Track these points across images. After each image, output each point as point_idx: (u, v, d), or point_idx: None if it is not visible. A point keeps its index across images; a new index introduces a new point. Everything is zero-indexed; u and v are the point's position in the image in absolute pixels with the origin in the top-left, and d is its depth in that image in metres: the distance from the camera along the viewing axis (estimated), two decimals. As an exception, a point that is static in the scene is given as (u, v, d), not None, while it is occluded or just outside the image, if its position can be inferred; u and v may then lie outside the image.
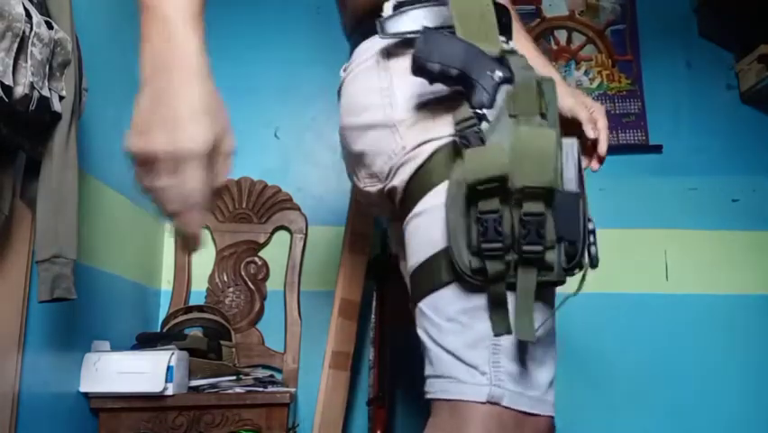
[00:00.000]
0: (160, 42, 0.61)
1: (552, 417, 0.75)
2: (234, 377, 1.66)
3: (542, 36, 2.34)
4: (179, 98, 0.61)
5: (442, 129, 0.78)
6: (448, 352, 0.74)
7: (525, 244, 0.68)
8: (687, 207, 2.23)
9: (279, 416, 1.55)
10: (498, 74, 0.73)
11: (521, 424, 0.72)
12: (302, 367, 1.96)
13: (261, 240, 2.08)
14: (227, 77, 2.21)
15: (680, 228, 2.21)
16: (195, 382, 1.57)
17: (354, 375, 1.93)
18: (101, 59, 1.52)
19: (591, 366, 2.08)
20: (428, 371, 0.78)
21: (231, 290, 2.03)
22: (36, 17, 0.99)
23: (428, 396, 0.77)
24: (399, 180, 0.83)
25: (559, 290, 0.79)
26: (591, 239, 0.73)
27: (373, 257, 1.92)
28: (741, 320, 2.14)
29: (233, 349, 1.81)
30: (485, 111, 0.73)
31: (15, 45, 0.93)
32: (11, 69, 0.93)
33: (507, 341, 0.72)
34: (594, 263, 0.74)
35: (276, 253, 2.08)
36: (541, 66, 1.06)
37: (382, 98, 0.83)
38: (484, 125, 0.72)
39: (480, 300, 0.72)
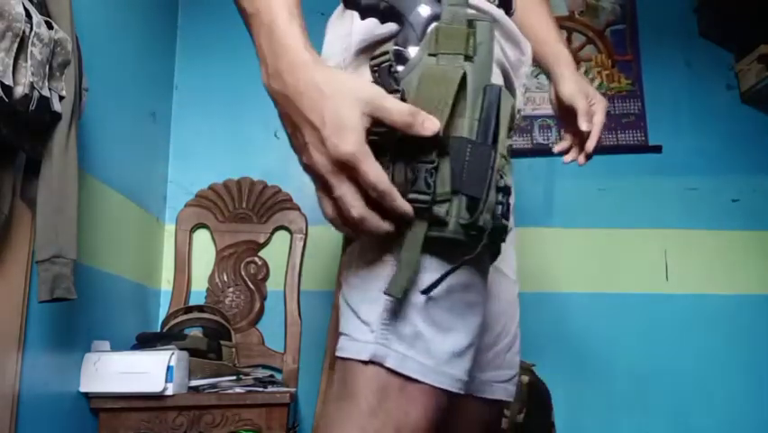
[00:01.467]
0: (268, 48, 0.66)
1: (449, 391, 0.67)
2: (234, 377, 1.66)
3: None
4: (308, 106, 0.60)
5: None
6: (349, 307, 0.70)
7: (411, 191, 0.61)
8: (687, 207, 2.23)
9: (279, 416, 1.55)
10: (428, 8, 0.68)
11: (406, 391, 0.64)
12: (302, 367, 1.96)
13: (261, 240, 2.08)
14: (227, 77, 2.22)
15: (680, 228, 2.21)
16: (195, 382, 1.57)
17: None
18: (101, 60, 1.52)
19: (591, 366, 2.08)
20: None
21: (231, 290, 2.03)
22: (36, 17, 0.99)
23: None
24: None
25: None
26: (500, 198, 0.64)
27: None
28: (741, 320, 2.14)
29: (233, 349, 1.81)
30: (409, 48, 0.67)
31: (15, 45, 0.93)
32: (11, 69, 0.93)
33: (407, 300, 0.65)
34: (499, 226, 0.64)
35: (276, 253, 2.08)
36: (552, 41, 1.02)
37: (341, 45, 0.80)
38: (407, 66, 0.66)
39: (379, 254, 0.67)
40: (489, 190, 0.63)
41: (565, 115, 1.02)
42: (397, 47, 0.67)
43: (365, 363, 0.65)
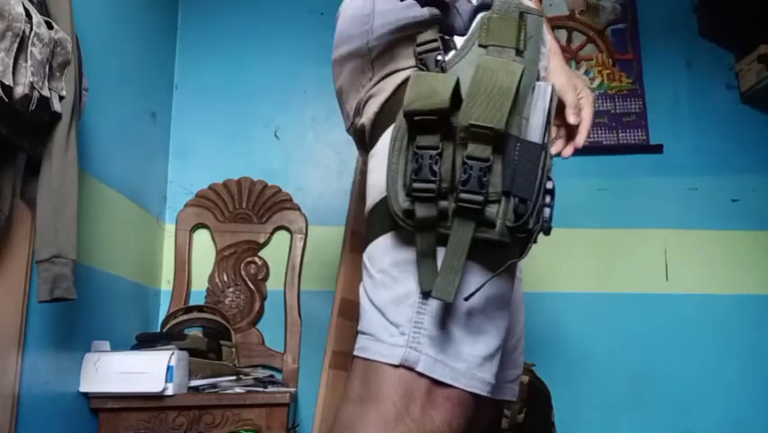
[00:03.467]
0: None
1: (478, 395, 0.65)
2: (234, 377, 1.66)
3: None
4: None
5: (411, 58, 0.68)
6: (375, 307, 0.67)
7: (462, 190, 0.58)
8: (687, 207, 2.23)
9: (279, 416, 1.55)
10: None
11: (432, 394, 0.63)
12: (302, 367, 1.96)
13: (261, 240, 2.08)
14: (227, 77, 2.22)
15: (680, 228, 2.21)
16: (195, 382, 1.57)
17: (354, 375, 1.93)
18: (101, 60, 1.52)
19: (591, 366, 2.08)
20: (358, 325, 0.70)
21: (231, 290, 2.03)
22: (36, 17, 0.99)
23: (354, 353, 0.69)
24: (367, 117, 0.75)
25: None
26: (547, 200, 0.62)
27: (373, 257, 1.91)
28: (741, 320, 2.14)
29: (233, 349, 1.81)
30: (455, 38, 0.65)
31: (15, 45, 0.93)
32: (11, 69, 0.93)
33: (436, 301, 0.63)
34: (546, 229, 0.62)
35: (276, 253, 2.08)
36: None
37: (362, 26, 0.76)
38: (452, 54, 0.64)
39: (413, 253, 0.64)
40: (540, 192, 0.61)
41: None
42: (441, 34, 0.64)
43: (394, 366, 0.63)
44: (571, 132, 0.99)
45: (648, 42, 2.35)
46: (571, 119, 0.95)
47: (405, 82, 0.66)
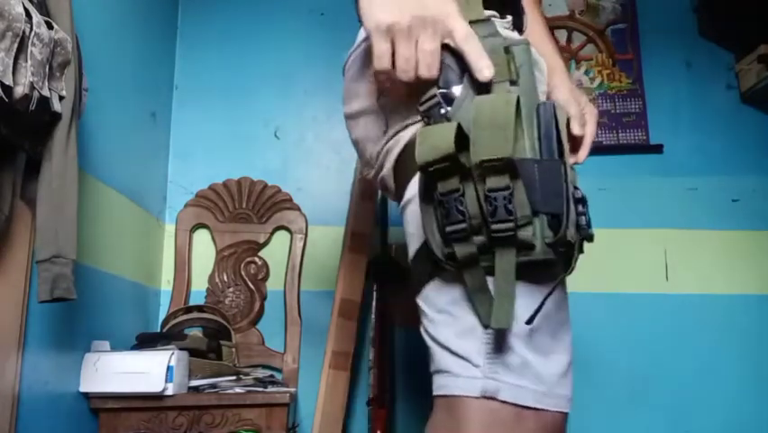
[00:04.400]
0: None
1: (564, 413, 0.67)
2: (234, 377, 1.66)
3: (542, 36, 2.34)
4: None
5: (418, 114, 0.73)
6: (441, 346, 0.70)
7: (492, 222, 0.62)
8: (687, 207, 2.23)
9: (279, 416, 1.55)
10: None
11: (524, 420, 0.65)
12: (302, 367, 1.96)
13: (261, 240, 2.08)
14: (228, 76, 2.22)
15: (680, 228, 2.21)
16: (195, 382, 1.57)
17: (354, 375, 1.93)
18: (101, 60, 1.52)
19: (591, 366, 2.08)
20: (431, 368, 0.73)
21: (231, 290, 2.03)
22: (36, 17, 0.99)
23: (433, 393, 0.73)
24: (386, 170, 0.80)
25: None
26: (580, 208, 0.65)
27: (373, 257, 1.92)
28: (741, 320, 2.14)
29: (233, 349, 1.81)
30: (453, 89, 0.68)
31: (15, 45, 0.93)
32: (11, 69, 0.93)
33: (501, 330, 0.66)
34: (587, 236, 0.65)
35: (276, 253, 2.08)
36: (549, 53, 1.02)
37: (370, 84, 0.80)
38: (455, 104, 0.67)
39: (464, 289, 0.68)
40: (569, 204, 0.63)
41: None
42: (440, 89, 0.69)
43: (476, 398, 0.65)
44: (574, 144, 1.01)
45: (648, 42, 2.35)
46: (577, 130, 0.96)
47: (417, 135, 0.71)
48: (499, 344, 0.66)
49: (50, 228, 1.07)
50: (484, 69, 0.66)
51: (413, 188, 0.73)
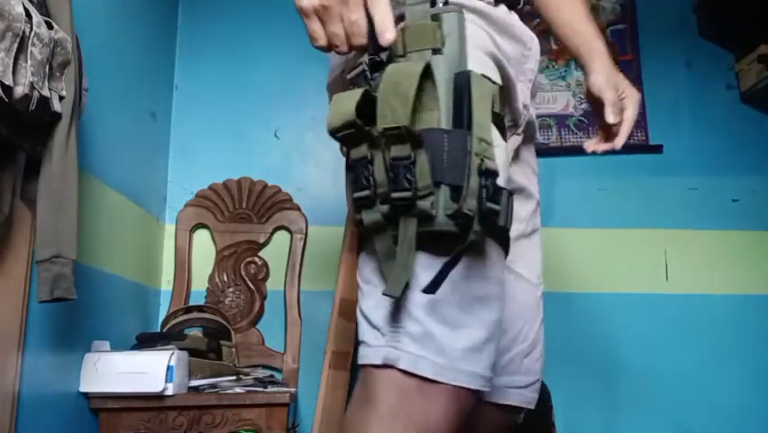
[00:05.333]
0: None
1: (468, 389, 0.65)
2: (234, 377, 1.66)
3: (542, 36, 2.34)
4: None
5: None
6: (363, 315, 0.70)
7: (392, 190, 0.61)
8: (687, 207, 2.23)
9: (279, 416, 1.55)
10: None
11: (425, 392, 0.63)
12: (302, 367, 1.96)
13: (261, 240, 2.08)
14: (227, 77, 2.22)
15: (680, 228, 2.21)
16: (195, 382, 1.57)
17: (354, 375, 1.93)
18: (101, 60, 1.52)
19: (591, 366, 2.08)
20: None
21: (231, 290, 2.03)
22: (36, 17, 0.99)
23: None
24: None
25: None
26: (483, 181, 0.62)
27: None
28: (741, 320, 2.14)
29: (233, 349, 1.81)
30: (383, 54, 0.68)
31: (15, 45, 0.93)
32: (11, 69, 0.93)
33: (411, 300, 0.65)
34: (485, 210, 0.62)
35: (276, 253, 2.08)
36: (588, 35, 1.00)
37: (340, 57, 0.83)
38: (381, 70, 0.67)
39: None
40: (470, 176, 0.62)
41: (597, 109, 0.99)
42: (371, 56, 0.68)
43: (380, 366, 0.65)
44: (608, 130, 0.97)
45: (648, 43, 2.35)
46: (610, 118, 0.93)
47: None
48: (400, 312, 0.65)
49: (50, 228, 1.07)
50: (386, 32, 0.65)
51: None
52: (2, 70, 0.91)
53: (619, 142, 0.95)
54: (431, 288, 0.64)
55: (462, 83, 0.65)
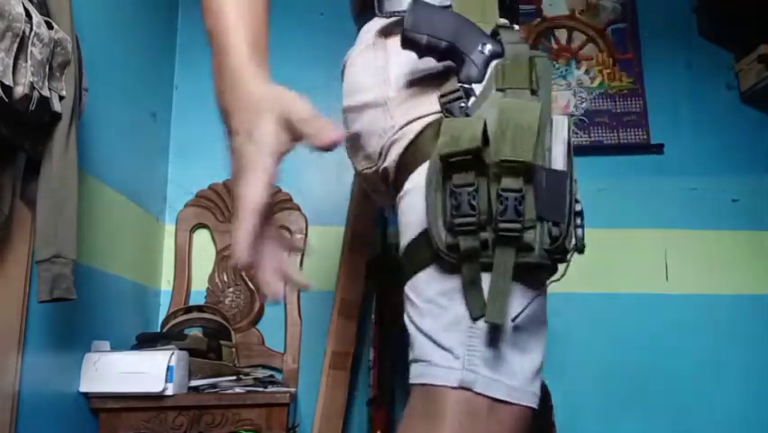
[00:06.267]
0: (221, 70, 0.71)
1: (533, 408, 0.70)
2: (234, 377, 1.66)
3: (542, 36, 2.34)
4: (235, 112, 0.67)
5: (431, 106, 0.75)
6: (425, 335, 0.71)
7: (501, 221, 0.64)
8: (687, 207, 2.23)
9: (279, 416, 1.55)
10: (489, 47, 0.72)
11: (495, 412, 0.67)
12: (302, 367, 1.96)
13: (261, 240, 2.07)
14: (227, 77, 2.22)
15: (680, 228, 2.21)
16: (195, 382, 1.57)
17: (354, 375, 1.93)
18: (101, 60, 1.52)
19: (591, 366, 2.08)
20: (410, 356, 0.75)
21: (231, 290, 2.03)
22: (36, 17, 0.99)
23: (410, 381, 0.74)
24: (390, 161, 0.80)
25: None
26: (578, 221, 0.68)
27: (373, 257, 1.92)
28: (741, 320, 2.14)
29: (233, 349, 1.81)
30: (473, 85, 0.71)
31: (15, 45, 0.93)
32: (11, 69, 0.93)
33: (486, 325, 0.68)
34: (580, 248, 0.69)
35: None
36: None
37: (377, 77, 0.82)
38: (472, 100, 0.70)
39: (458, 281, 0.69)
40: (571, 215, 0.67)
41: None
42: (461, 83, 0.71)
43: (454, 388, 0.68)
44: None
45: (648, 42, 2.35)
46: None
47: (426, 128, 0.74)
48: (482, 339, 0.68)
49: (50, 228, 1.07)
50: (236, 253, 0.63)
51: (416, 178, 0.74)
52: (2, 70, 0.91)
53: None
54: (518, 317, 0.67)
55: (565, 128, 0.69)
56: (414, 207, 0.75)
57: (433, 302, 0.71)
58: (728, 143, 2.28)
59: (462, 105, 0.69)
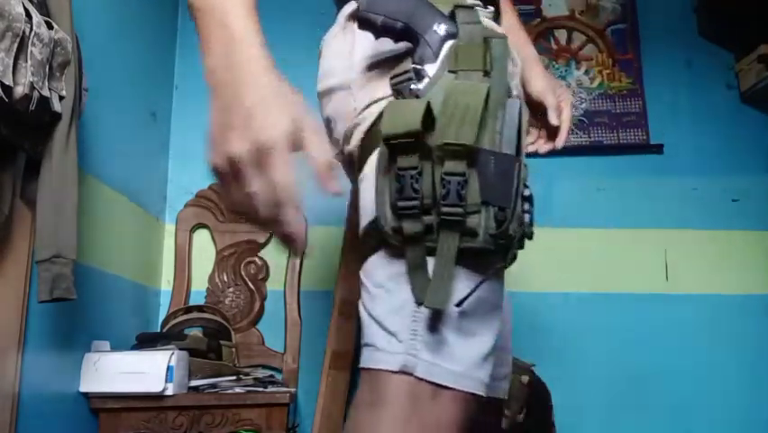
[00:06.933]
0: (219, 45, 0.65)
1: (479, 395, 0.68)
2: (234, 377, 1.66)
3: (542, 36, 2.34)
4: (247, 92, 0.63)
5: (388, 88, 0.73)
6: (374, 319, 0.70)
7: (444, 204, 0.63)
8: (687, 207, 2.23)
9: (279, 416, 1.55)
10: (444, 27, 0.70)
11: (438, 397, 0.66)
12: (302, 367, 1.96)
13: (261, 240, 2.08)
14: (227, 77, 2.22)
15: (680, 228, 2.21)
16: (195, 382, 1.57)
17: (354, 375, 1.93)
18: (101, 60, 1.52)
19: (591, 366, 2.08)
20: (361, 341, 0.74)
21: (231, 290, 2.03)
22: (36, 17, 0.99)
23: (359, 366, 0.73)
24: (353, 145, 0.80)
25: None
26: (526, 207, 0.67)
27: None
28: (741, 320, 2.14)
29: (233, 349, 1.81)
30: (426, 66, 0.69)
31: (15, 45, 0.93)
32: (11, 69, 0.93)
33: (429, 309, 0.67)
34: (528, 234, 0.68)
35: (276, 253, 2.08)
36: (521, 43, 1.05)
37: (344, 61, 0.81)
38: (425, 81, 0.69)
39: (405, 266, 0.68)
40: (517, 200, 0.65)
41: (537, 112, 1.06)
42: (414, 65, 0.70)
43: (395, 372, 0.67)
44: (551, 132, 1.04)
45: (648, 42, 2.35)
46: (554, 120, 1.00)
47: (384, 111, 0.71)
48: (425, 323, 0.67)
49: (50, 228, 1.07)
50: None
51: (372, 162, 0.73)
52: (2, 70, 0.91)
53: (560, 141, 1.02)
54: (461, 302, 0.66)
55: (515, 111, 0.67)
56: (368, 192, 0.74)
57: (382, 286, 0.71)
58: (728, 143, 2.28)
59: (413, 86, 0.68)
